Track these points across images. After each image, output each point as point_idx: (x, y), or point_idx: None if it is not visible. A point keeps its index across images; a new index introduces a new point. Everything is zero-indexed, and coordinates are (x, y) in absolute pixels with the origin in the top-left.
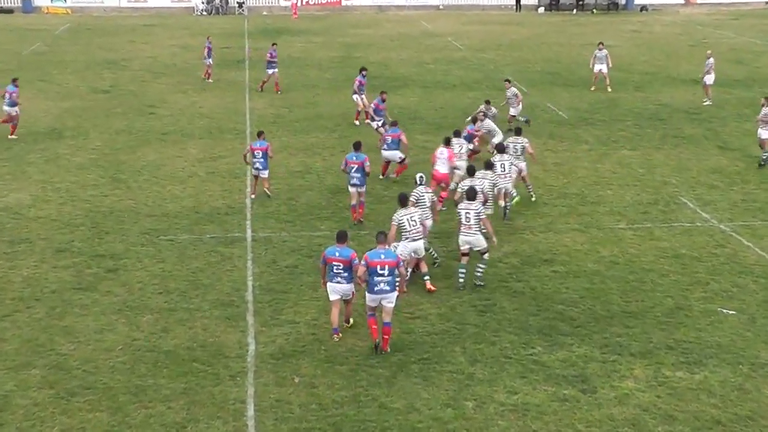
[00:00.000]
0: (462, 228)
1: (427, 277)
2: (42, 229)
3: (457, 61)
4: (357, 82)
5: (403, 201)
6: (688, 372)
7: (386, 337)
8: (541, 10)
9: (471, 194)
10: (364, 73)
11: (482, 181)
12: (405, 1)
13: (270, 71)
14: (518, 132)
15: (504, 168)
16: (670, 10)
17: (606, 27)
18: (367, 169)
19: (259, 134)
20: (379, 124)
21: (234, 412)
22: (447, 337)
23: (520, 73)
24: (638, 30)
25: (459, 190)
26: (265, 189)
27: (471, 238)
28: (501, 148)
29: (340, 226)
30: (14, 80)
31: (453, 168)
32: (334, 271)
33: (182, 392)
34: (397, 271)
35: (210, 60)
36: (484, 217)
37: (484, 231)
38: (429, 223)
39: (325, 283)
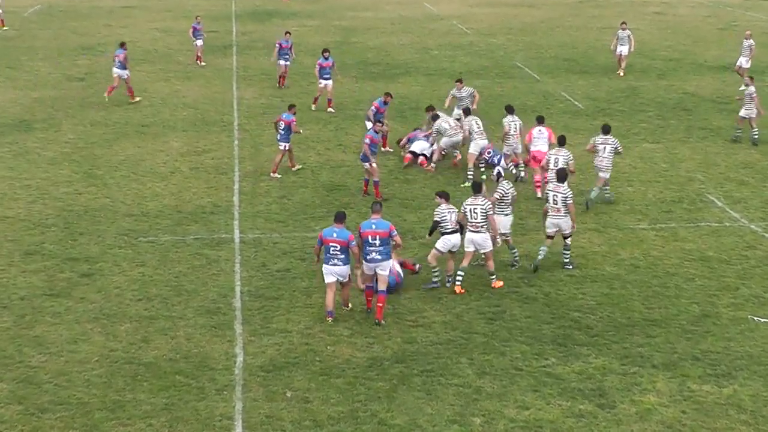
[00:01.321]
0: (550, 210)
1: (493, 276)
2: (10, 229)
3: (463, 46)
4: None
5: (477, 188)
6: (716, 385)
7: (380, 305)
8: None
9: (561, 175)
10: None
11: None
12: None
13: (282, 63)
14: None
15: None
16: None
17: (626, 8)
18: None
19: (290, 107)
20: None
21: (220, 429)
22: (453, 347)
23: (533, 59)
24: (661, 12)
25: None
26: (290, 165)
27: (559, 221)
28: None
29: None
30: None
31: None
32: (331, 252)
33: (164, 408)
34: (391, 242)
35: (200, 42)
36: (570, 201)
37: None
38: (509, 219)
39: (318, 260)
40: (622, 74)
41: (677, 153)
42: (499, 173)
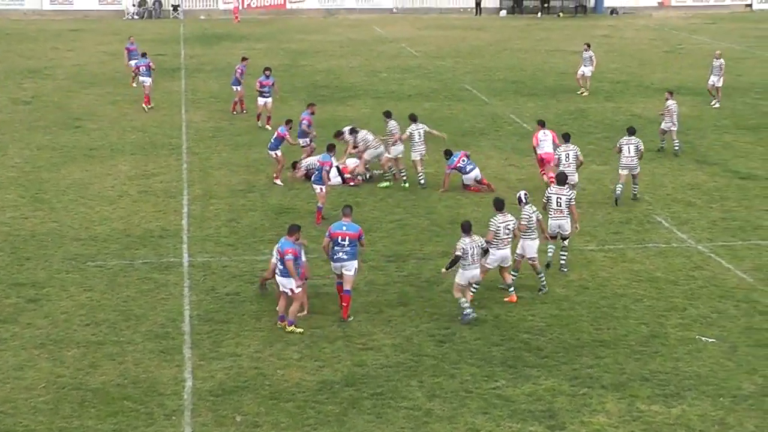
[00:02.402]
0: (553, 212)
1: (511, 289)
2: None
3: (412, 69)
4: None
5: (499, 206)
6: (665, 405)
7: (345, 305)
8: (503, 13)
9: (561, 179)
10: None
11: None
12: (356, 3)
13: (236, 88)
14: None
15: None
16: (643, 14)
17: (573, 32)
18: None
19: (287, 122)
20: (308, 141)
21: None
22: (402, 369)
23: (481, 81)
24: (608, 35)
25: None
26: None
27: (562, 222)
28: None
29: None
30: None
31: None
32: (279, 264)
33: None
34: (358, 243)
35: (148, 80)
36: (573, 203)
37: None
38: (536, 243)
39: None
40: (586, 94)
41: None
42: (520, 198)
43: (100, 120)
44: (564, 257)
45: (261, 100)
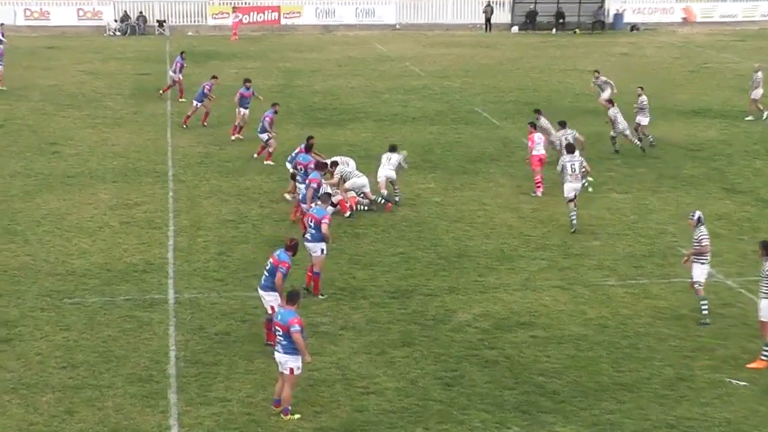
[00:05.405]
0: (568, 178)
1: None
2: None
3: (416, 89)
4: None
5: (570, 149)
6: None
7: (315, 284)
8: (515, 29)
9: (570, 148)
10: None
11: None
12: (355, 19)
13: (197, 103)
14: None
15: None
16: (666, 30)
17: (591, 49)
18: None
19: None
20: (266, 138)
21: None
22: (407, 415)
23: (492, 103)
24: (628, 53)
25: None
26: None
27: (577, 185)
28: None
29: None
30: None
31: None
32: (277, 336)
33: None
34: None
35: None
36: (586, 164)
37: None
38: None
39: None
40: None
41: (647, 203)
42: (700, 218)
43: (78, 145)
44: (574, 214)
45: (241, 111)
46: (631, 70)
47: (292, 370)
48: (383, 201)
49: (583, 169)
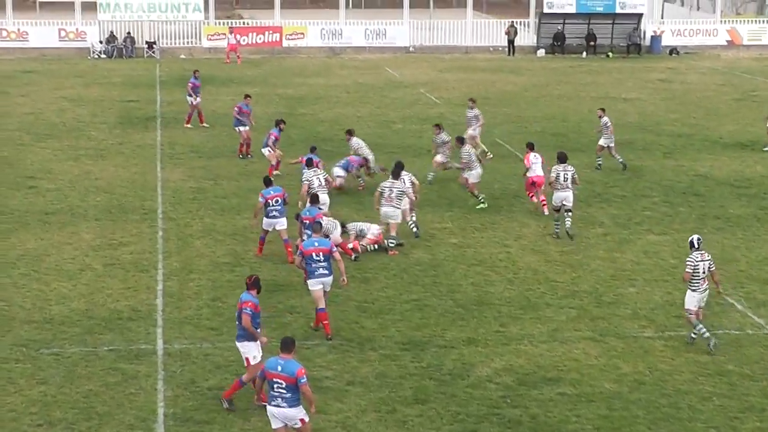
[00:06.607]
0: (559, 187)
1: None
2: None
3: (432, 119)
4: (273, 137)
5: (562, 158)
6: None
7: (326, 322)
8: (541, 52)
9: (563, 157)
10: (282, 127)
11: None
12: (364, 41)
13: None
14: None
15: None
16: (709, 54)
17: (625, 75)
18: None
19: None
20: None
21: None
22: None
23: (515, 134)
24: (667, 79)
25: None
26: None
27: (567, 194)
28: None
29: (280, 334)
30: None
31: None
32: (275, 390)
33: None
34: (331, 257)
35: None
36: (576, 176)
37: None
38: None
39: (263, 398)
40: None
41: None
42: (690, 242)
43: (58, 179)
44: (569, 220)
45: (242, 129)
46: (670, 98)
47: (303, 420)
48: (395, 244)
49: (574, 178)
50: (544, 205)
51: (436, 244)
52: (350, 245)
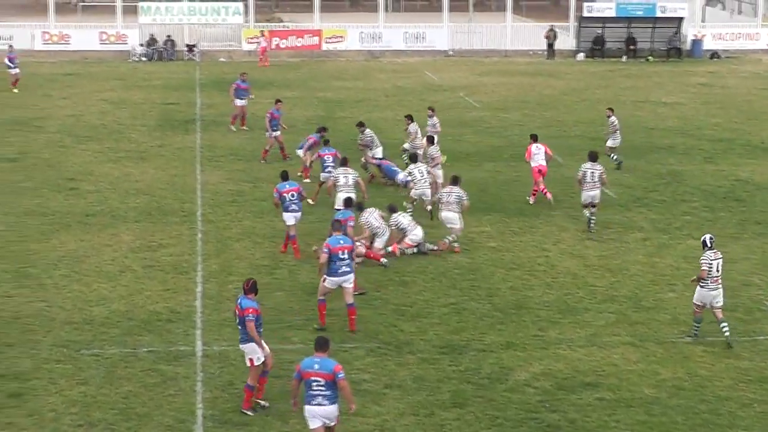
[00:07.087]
0: (587, 185)
1: None
2: None
3: (471, 123)
4: (310, 142)
5: (592, 157)
6: None
7: (353, 317)
8: (581, 56)
9: (594, 156)
10: (323, 133)
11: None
12: (404, 44)
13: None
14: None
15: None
16: (751, 58)
17: (665, 79)
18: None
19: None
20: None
21: None
22: None
23: (554, 138)
24: (708, 83)
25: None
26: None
27: (596, 192)
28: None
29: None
30: None
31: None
32: (313, 389)
33: None
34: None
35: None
36: (605, 176)
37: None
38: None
39: (295, 404)
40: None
41: (729, 252)
42: (705, 242)
43: (98, 181)
44: (593, 219)
45: (275, 134)
46: (710, 102)
47: (337, 419)
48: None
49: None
50: (534, 193)
51: (475, 247)
52: (389, 248)
